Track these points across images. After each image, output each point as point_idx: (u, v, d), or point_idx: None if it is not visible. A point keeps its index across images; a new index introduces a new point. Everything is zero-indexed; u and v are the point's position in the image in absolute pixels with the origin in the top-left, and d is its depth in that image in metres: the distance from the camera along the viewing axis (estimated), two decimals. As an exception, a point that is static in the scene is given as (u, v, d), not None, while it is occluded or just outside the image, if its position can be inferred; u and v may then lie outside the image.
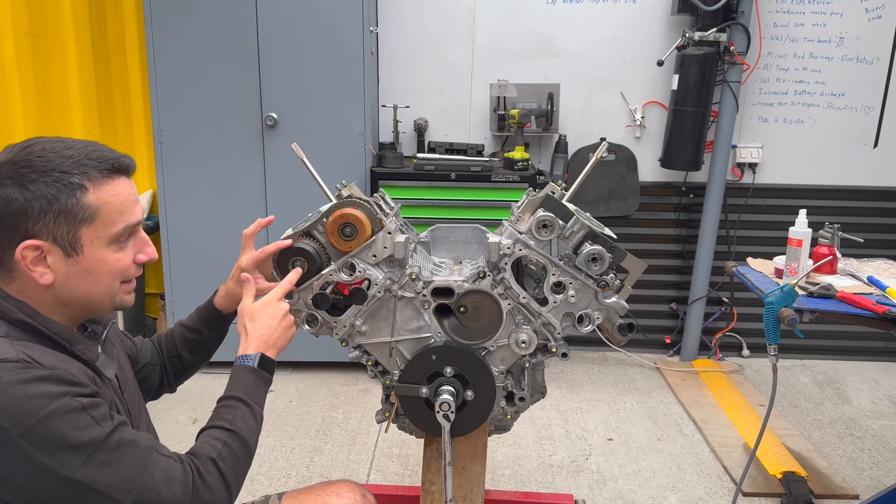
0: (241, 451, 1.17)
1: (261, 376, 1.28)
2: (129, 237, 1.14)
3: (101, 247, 1.09)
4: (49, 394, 0.97)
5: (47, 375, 0.99)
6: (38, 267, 1.06)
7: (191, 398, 3.07)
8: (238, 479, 1.16)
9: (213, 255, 3.24)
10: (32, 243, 1.04)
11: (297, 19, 3.03)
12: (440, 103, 3.60)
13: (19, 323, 1.06)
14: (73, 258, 1.07)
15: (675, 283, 3.76)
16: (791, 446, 2.80)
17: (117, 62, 3.43)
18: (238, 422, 1.20)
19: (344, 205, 1.49)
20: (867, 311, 1.87)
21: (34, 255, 1.05)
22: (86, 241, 1.07)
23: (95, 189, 1.07)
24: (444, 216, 3.16)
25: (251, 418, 1.22)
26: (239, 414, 1.21)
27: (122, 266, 1.13)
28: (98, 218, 1.07)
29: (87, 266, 1.09)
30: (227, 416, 1.20)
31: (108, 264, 1.10)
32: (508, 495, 2.21)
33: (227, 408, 1.22)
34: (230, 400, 1.23)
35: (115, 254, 1.11)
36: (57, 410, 0.97)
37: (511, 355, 1.55)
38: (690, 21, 3.36)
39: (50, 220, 1.04)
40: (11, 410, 0.94)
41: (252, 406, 1.24)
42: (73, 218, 1.05)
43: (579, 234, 1.47)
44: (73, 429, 0.98)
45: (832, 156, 3.60)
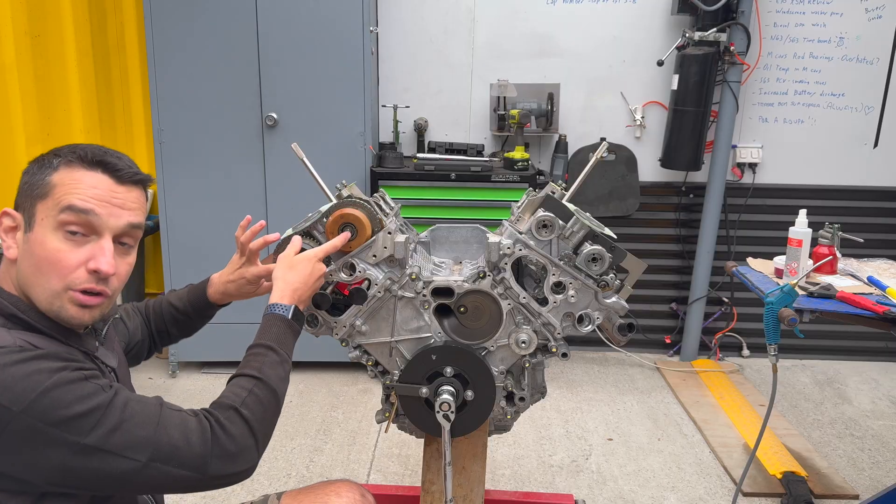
0: (268, 399, 1.16)
1: (293, 328, 1.28)
2: (88, 236, 1.06)
3: (48, 228, 1.04)
4: (47, 369, 0.96)
5: (45, 354, 0.99)
6: (8, 238, 1.08)
7: (191, 398, 3.07)
8: (265, 427, 1.14)
9: (213, 255, 3.23)
10: (8, 211, 1.08)
11: (297, 19, 3.03)
12: (440, 103, 3.61)
13: (13, 318, 1.05)
14: (28, 234, 1.06)
15: (675, 283, 3.76)
16: (791, 446, 2.80)
17: (117, 62, 3.43)
18: (266, 369, 1.18)
19: (344, 205, 1.49)
20: (867, 311, 1.87)
21: (8, 223, 1.08)
22: (38, 217, 1.05)
23: (63, 170, 1.07)
24: (444, 216, 3.16)
25: (280, 367, 1.21)
26: (268, 362, 1.20)
27: (62, 261, 1.04)
28: (50, 195, 1.05)
29: (32, 245, 1.04)
30: (255, 363, 1.19)
31: (45, 250, 1.03)
32: (508, 495, 2.21)
33: (256, 356, 1.21)
34: (260, 348, 1.22)
35: (59, 243, 1.04)
36: (58, 382, 0.96)
37: (511, 355, 1.55)
38: (690, 21, 3.36)
39: (23, 192, 1.08)
40: (11, 388, 0.93)
41: (282, 355, 1.23)
42: (33, 190, 1.07)
43: (579, 234, 1.47)
44: (77, 397, 0.97)
45: (832, 156, 3.60)
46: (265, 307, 1.30)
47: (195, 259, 3.26)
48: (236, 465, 1.08)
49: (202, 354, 3.42)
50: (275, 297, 1.30)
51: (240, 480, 1.10)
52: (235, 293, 1.52)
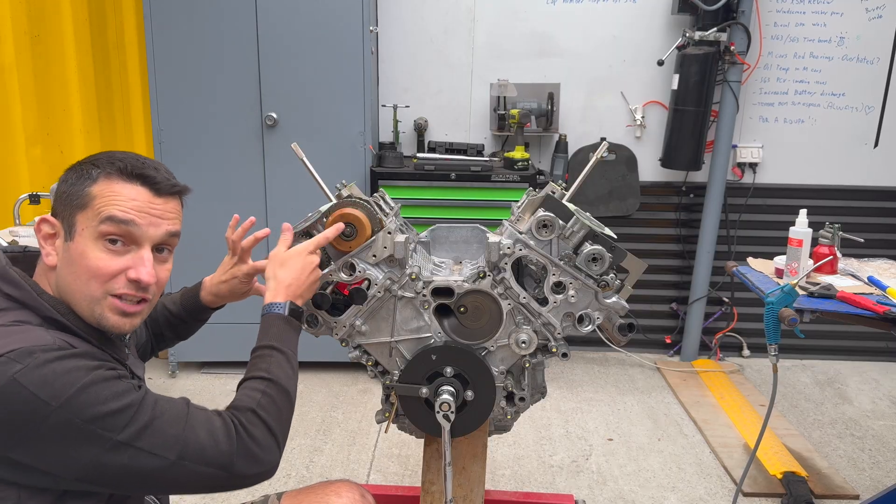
0: (281, 399, 1.17)
1: (292, 324, 1.28)
2: (128, 245, 1.09)
3: (89, 238, 1.07)
4: (85, 366, 0.99)
5: (82, 352, 1.01)
6: (47, 245, 1.10)
7: (190, 398, 3.06)
8: (282, 427, 1.16)
9: (212, 254, 3.21)
10: (47, 218, 1.10)
11: (297, 19, 3.03)
12: (440, 103, 3.60)
13: (51, 320, 1.07)
14: (68, 243, 1.08)
15: (676, 283, 3.76)
16: (791, 446, 2.79)
17: (117, 62, 3.43)
18: (275, 370, 1.19)
19: (344, 205, 1.49)
20: (867, 311, 1.87)
21: (48, 231, 1.10)
22: (79, 227, 1.07)
23: (102, 181, 1.08)
24: (444, 216, 3.16)
25: (287, 365, 1.22)
26: (275, 362, 1.21)
27: (104, 269, 1.06)
28: (90, 206, 1.07)
29: (73, 255, 1.07)
30: (263, 365, 1.20)
31: (87, 259, 1.06)
32: (508, 495, 2.21)
33: (262, 357, 1.22)
34: (264, 349, 1.23)
35: (99, 252, 1.07)
36: (95, 379, 0.98)
37: (511, 355, 1.55)
38: (691, 21, 3.36)
39: (62, 201, 1.09)
40: (51, 384, 0.95)
41: (287, 353, 1.23)
42: (73, 200, 1.08)
43: (579, 234, 1.47)
44: (112, 394, 0.99)
45: (832, 156, 3.60)
46: (262, 308, 1.30)
47: (195, 259, 3.24)
48: (260, 464, 1.10)
49: (202, 354, 3.42)
50: (269, 297, 1.30)
51: (263, 480, 1.12)
52: (228, 294, 1.52)
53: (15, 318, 1.03)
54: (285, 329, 1.26)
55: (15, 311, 1.05)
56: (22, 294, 1.06)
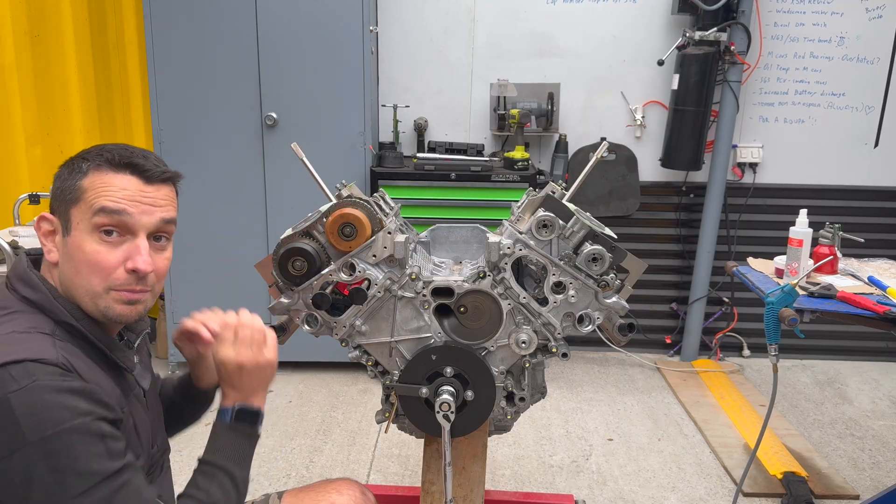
0: None
1: (242, 432, 1.18)
2: (124, 236, 1.08)
3: (84, 231, 1.06)
4: (76, 409, 0.95)
5: (80, 389, 0.98)
6: (48, 242, 1.10)
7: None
8: None
9: (212, 254, 3.24)
10: (46, 215, 1.10)
11: (297, 19, 3.03)
12: (440, 103, 3.60)
13: (65, 325, 1.06)
14: (66, 238, 1.08)
15: (676, 283, 3.76)
16: (791, 446, 2.79)
17: (117, 62, 3.43)
18: (215, 492, 1.12)
19: (344, 205, 1.49)
20: (868, 311, 1.87)
21: (47, 228, 1.10)
22: (74, 222, 1.07)
23: (92, 174, 1.08)
24: (444, 216, 3.16)
25: (231, 488, 1.14)
26: (216, 483, 1.13)
27: (102, 262, 1.06)
28: (83, 199, 1.07)
29: (70, 249, 1.07)
30: (203, 484, 1.13)
31: (84, 253, 1.06)
32: (508, 495, 2.21)
33: (203, 474, 1.14)
34: (207, 465, 1.15)
35: (96, 245, 1.06)
36: (78, 427, 0.95)
37: (511, 355, 1.55)
38: (691, 21, 3.36)
39: (57, 197, 1.09)
40: (36, 415, 0.93)
41: (231, 472, 1.15)
42: (65, 195, 1.08)
43: (579, 234, 1.47)
44: (85, 453, 0.95)
45: (833, 156, 3.60)
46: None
47: (195, 259, 3.25)
48: None
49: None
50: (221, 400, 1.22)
51: None
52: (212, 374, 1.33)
53: (28, 324, 1.02)
54: (232, 439, 1.17)
55: (28, 315, 1.04)
56: (39, 297, 1.06)
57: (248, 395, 1.20)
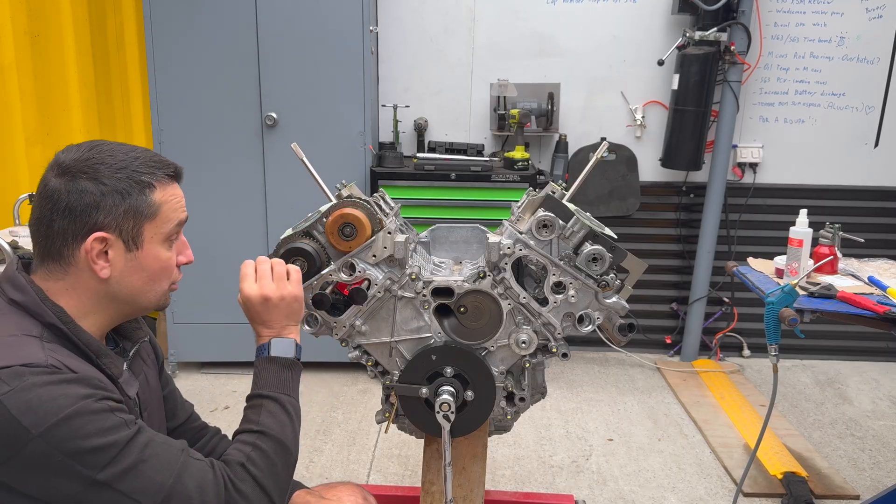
0: (274, 451, 1.12)
1: (281, 362, 1.22)
2: (175, 238, 1.18)
3: (157, 244, 1.13)
4: (74, 394, 0.96)
5: (74, 378, 0.98)
6: (100, 261, 1.08)
7: (190, 398, 3.04)
8: (277, 481, 1.11)
9: (212, 254, 3.23)
10: (101, 235, 1.07)
11: (297, 19, 3.03)
12: (440, 103, 3.60)
13: (53, 327, 1.06)
14: (133, 253, 1.10)
15: (676, 283, 3.76)
16: (791, 446, 2.79)
17: (117, 62, 3.42)
18: (265, 420, 1.14)
19: (344, 205, 1.49)
20: (868, 311, 1.87)
21: (100, 247, 1.08)
22: (146, 237, 1.11)
23: (161, 189, 1.12)
24: (444, 216, 3.16)
25: (281, 412, 1.16)
26: (265, 411, 1.16)
27: (171, 265, 1.17)
28: (159, 215, 1.11)
29: (144, 262, 1.11)
30: (252, 416, 1.16)
31: (161, 261, 1.14)
32: (509, 496, 2.21)
33: (252, 408, 1.18)
34: (254, 399, 1.19)
35: (167, 252, 1.15)
36: (80, 410, 0.95)
37: (511, 355, 1.55)
38: (691, 20, 3.36)
39: (120, 215, 1.08)
40: (35, 409, 0.93)
41: (279, 399, 1.18)
42: (140, 214, 1.09)
43: (580, 234, 1.47)
44: (97, 429, 0.96)
45: (833, 156, 3.60)
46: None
47: (195, 259, 3.25)
48: None
49: (201, 355, 3.42)
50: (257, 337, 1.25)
51: None
52: None
53: (15, 328, 1.02)
54: (275, 371, 1.20)
55: (16, 318, 1.04)
56: (26, 299, 1.06)
57: (280, 330, 1.24)
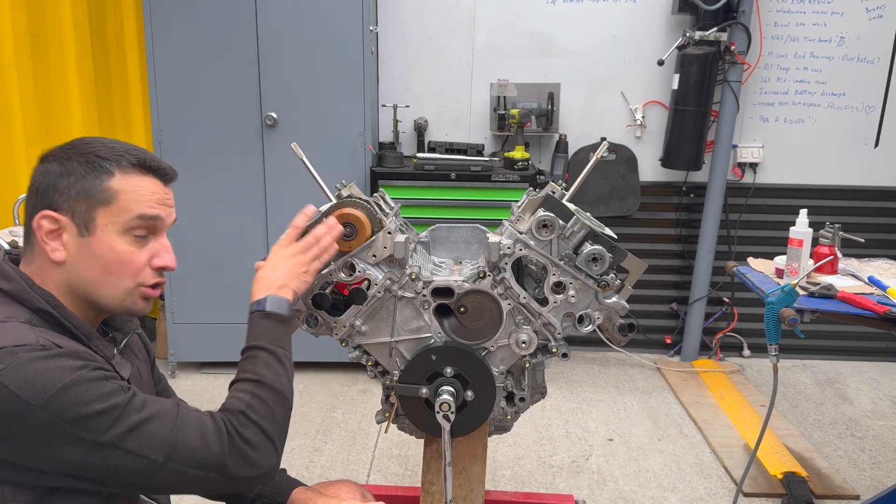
0: (272, 399, 1.13)
1: (275, 318, 1.22)
2: (148, 236, 1.12)
3: (114, 233, 1.09)
4: (68, 366, 0.98)
5: (66, 352, 1.00)
6: (52, 241, 1.08)
7: (190, 398, 3.05)
8: (277, 428, 1.12)
9: (212, 255, 3.24)
10: (50, 213, 1.07)
11: (297, 19, 3.02)
12: (440, 103, 3.60)
13: (42, 312, 1.06)
14: (85, 238, 1.08)
15: (676, 283, 3.76)
16: (792, 447, 2.79)
17: (117, 62, 3.42)
18: (261, 370, 1.15)
19: (344, 205, 1.49)
20: (868, 311, 1.87)
21: (50, 227, 1.07)
22: (100, 223, 1.08)
23: (121, 176, 1.09)
24: (444, 216, 3.16)
25: (276, 363, 1.17)
26: (261, 362, 1.17)
27: (133, 262, 1.11)
28: (115, 202, 1.08)
29: (96, 249, 1.08)
30: (248, 367, 1.17)
31: (116, 253, 1.09)
32: (509, 496, 2.20)
33: (248, 359, 1.18)
34: (249, 350, 1.20)
35: (127, 245, 1.10)
36: (77, 379, 0.97)
37: (511, 355, 1.55)
38: (691, 20, 3.36)
39: (72, 196, 1.07)
40: (32, 383, 0.94)
41: (273, 350, 1.19)
42: (93, 197, 1.08)
43: (580, 234, 1.46)
44: (96, 395, 0.98)
45: (833, 156, 3.60)
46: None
47: (195, 259, 3.25)
48: (255, 467, 1.07)
49: (201, 355, 3.42)
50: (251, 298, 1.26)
51: (263, 482, 1.10)
52: None
53: (3, 315, 1.03)
54: (269, 325, 1.22)
55: (4, 306, 1.05)
56: (13, 287, 1.06)
57: (277, 289, 1.25)
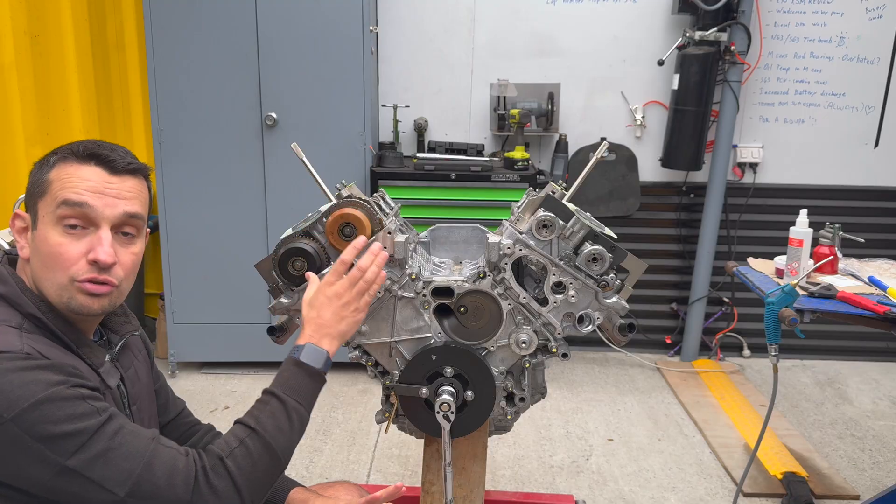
0: (260, 453, 1.08)
1: (305, 369, 1.19)
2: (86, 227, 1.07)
3: (49, 224, 1.06)
4: (46, 380, 0.96)
5: (48, 364, 0.99)
6: (21, 238, 1.11)
7: (190, 398, 3.05)
8: (252, 484, 1.06)
9: (212, 255, 3.23)
10: (19, 212, 1.12)
11: (297, 19, 3.02)
12: (440, 103, 3.60)
13: (32, 317, 1.06)
14: (34, 233, 1.10)
15: (676, 283, 3.76)
16: (792, 447, 2.79)
17: (117, 62, 3.43)
18: (265, 419, 1.11)
19: (344, 205, 1.49)
20: (868, 311, 1.86)
21: (20, 225, 1.12)
22: (41, 215, 1.08)
23: (58, 166, 1.09)
24: (444, 216, 3.16)
25: (283, 417, 1.13)
26: (268, 410, 1.12)
27: (63, 254, 1.05)
28: (48, 192, 1.08)
29: (38, 243, 1.08)
30: (255, 411, 1.13)
31: (49, 245, 1.05)
32: (509, 496, 2.20)
33: (259, 402, 1.15)
34: (265, 395, 1.16)
35: (59, 237, 1.05)
36: (52, 396, 0.95)
37: (511, 355, 1.55)
38: (691, 20, 3.36)
39: (29, 192, 1.11)
40: (6, 394, 0.93)
41: (286, 402, 1.14)
42: (34, 190, 1.10)
43: (580, 234, 1.46)
44: (67, 415, 0.95)
45: (833, 156, 3.60)
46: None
47: (194, 259, 3.25)
48: None
49: (202, 355, 3.41)
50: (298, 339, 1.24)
51: None
52: None
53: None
54: (296, 375, 1.18)
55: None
56: (6, 290, 1.06)
57: (321, 337, 1.23)
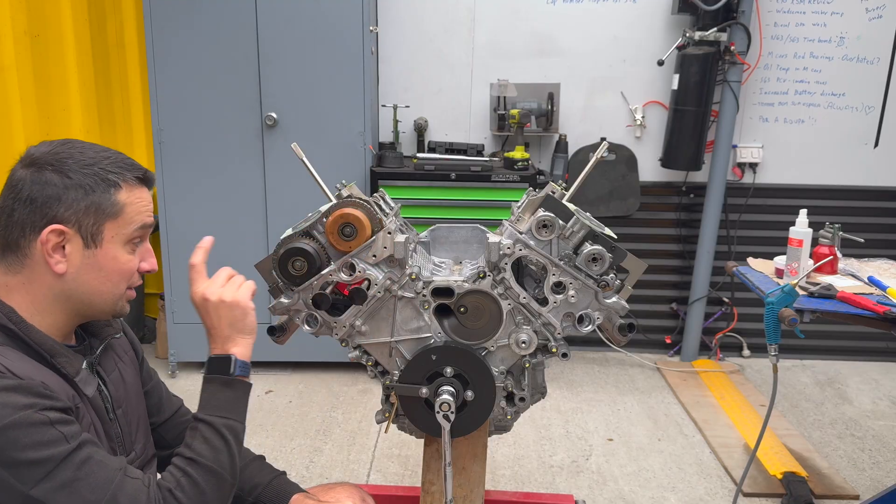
0: (205, 479, 1.09)
1: (218, 381, 1.19)
2: (139, 243, 1.16)
3: (118, 244, 1.12)
4: (13, 404, 0.95)
5: (16, 385, 0.97)
6: (55, 254, 1.08)
7: (190, 398, 3.05)
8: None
9: (212, 255, 3.22)
10: (58, 228, 1.07)
11: (297, 19, 3.02)
12: (440, 103, 3.60)
13: (3, 328, 1.05)
14: (91, 250, 1.10)
15: (676, 283, 3.76)
16: (791, 446, 2.79)
17: (117, 62, 3.43)
18: (198, 445, 1.12)
19: (344, 205, 1.49)
20: (868, 311, 1.87)
21: (56, 240, 1.07)
22: (107, 235, 1.10)
23: (127, 189, 1.12)
24: (444, 216, 3.16)
25: (215, 437, 1.13)
26: (199, 436, 1.13)
27: (131, 269, 1.15)
28: (121, 215, 1.11)
29: (101, 261, 1.11)
30: (189, 440, 1.13)
31: (119, 263, 1.12)
32: (509, 496, 2.20)
33: (190, 430, 1.15)
34: (194, 422, 1.16)
35: (127, 255, 1.14)
36: (18, 422, 0.94)
37: (511, 355, 1.55)
38: (691, 21, 3.36)
39: (81, 210, 1.07)
40: None
41: (212, 423, 1.14)
42: (103, 211, 1.09)
43: (579, 234, 1.46)
44: (34, 442, 0.95)
45: (833, 156, 3.60)
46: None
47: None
48: None
49: (202, 354, 3.37)
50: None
51: None
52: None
53: None
54: (211, 390, 1.19)
55: None
56: None
57: (223, 343, 1.22)
